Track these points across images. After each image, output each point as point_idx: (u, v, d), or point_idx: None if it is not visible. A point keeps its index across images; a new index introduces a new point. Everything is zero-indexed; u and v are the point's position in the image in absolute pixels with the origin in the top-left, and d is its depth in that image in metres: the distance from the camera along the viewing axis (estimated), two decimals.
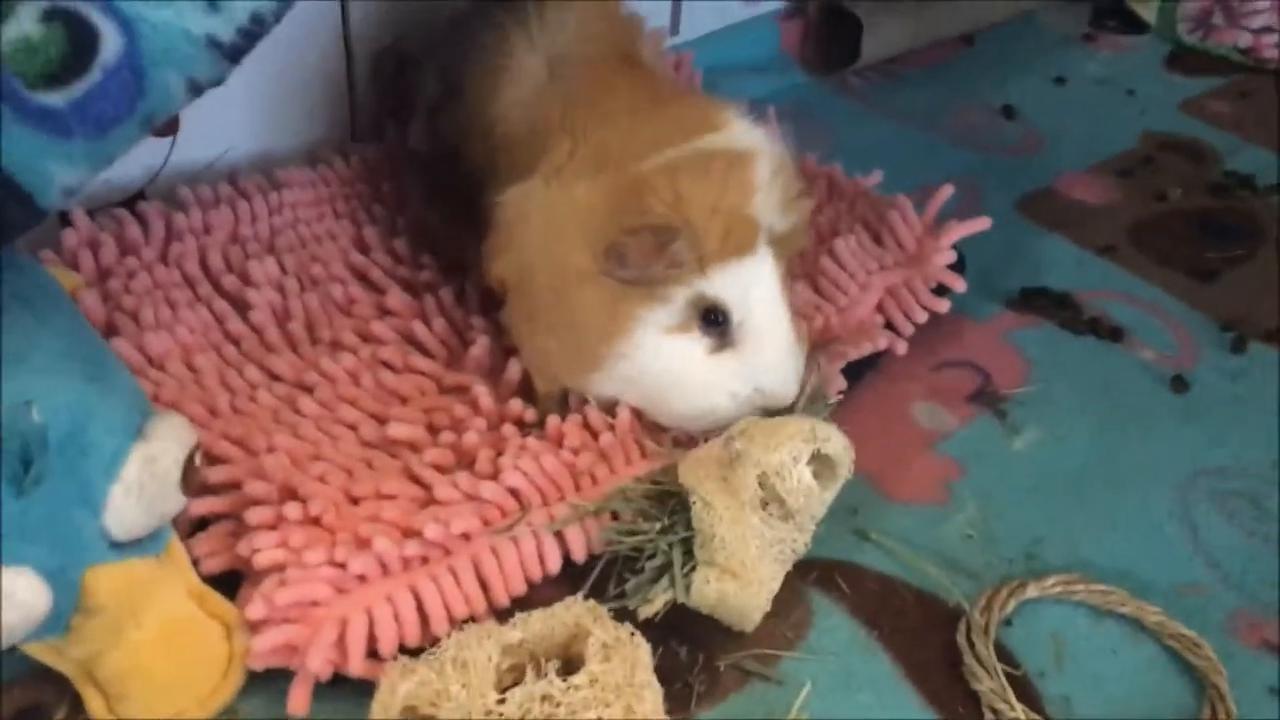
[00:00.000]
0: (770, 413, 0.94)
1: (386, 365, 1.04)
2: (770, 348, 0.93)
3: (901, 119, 1.62)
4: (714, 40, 1.62)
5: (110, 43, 0.66)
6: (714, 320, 0.92)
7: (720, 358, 0.93)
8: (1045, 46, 1.83)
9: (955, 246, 1.17)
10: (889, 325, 1.14)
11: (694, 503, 0.86)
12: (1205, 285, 1.33)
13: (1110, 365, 1.20)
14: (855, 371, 1.09)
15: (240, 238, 1.15)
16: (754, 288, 0.92)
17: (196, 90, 0.69)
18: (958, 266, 1.18)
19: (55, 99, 0.64)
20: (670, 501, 0.91)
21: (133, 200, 1.16)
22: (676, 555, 0.87)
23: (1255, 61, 1.80)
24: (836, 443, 0.91)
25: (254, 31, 0.70)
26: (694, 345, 0.93)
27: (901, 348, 1.12)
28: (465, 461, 0.94)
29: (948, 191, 1.21)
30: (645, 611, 0.86)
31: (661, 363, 0.93)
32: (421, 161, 1.17)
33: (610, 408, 0.97)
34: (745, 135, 0.95)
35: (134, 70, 0.66)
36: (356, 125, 1.33)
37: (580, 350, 0.95)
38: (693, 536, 0.87)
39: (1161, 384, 1.18)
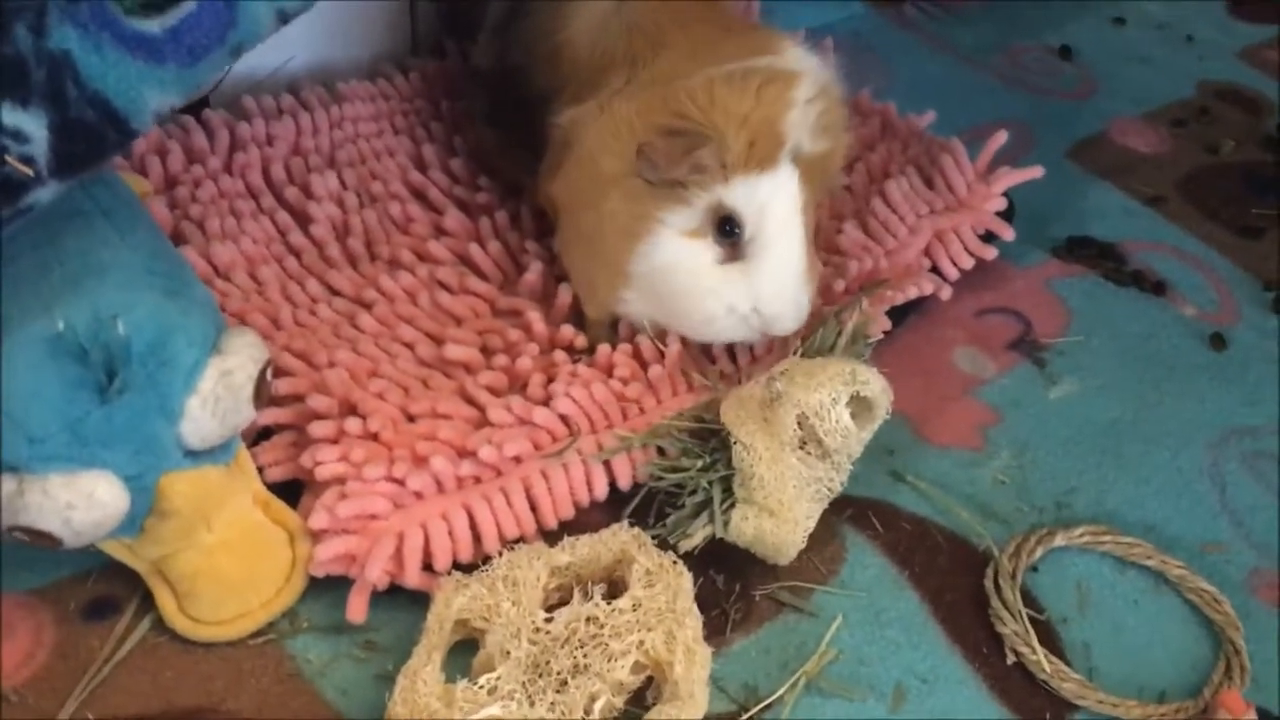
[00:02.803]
0: (784, 348, 0.96)
1: (443, 285, 1.07)
2: (775, 269, 0.92)
3: (958, 55, 1.61)
4: None
5: None
6: (728, 230, 0.92)
7: (727, 269, 0.93)
8: None
9: (1005, 193, 1.18)
10: (935, 269, 1.15)
11: (734, 444, 0.89)
12: (1251, 242, 1.34)
13: (1151, 319, 1.21)
14: (899, 314, 1.10)
15: (302, 150, 1.17)
16: (771, 203, 0.91)
17: (284, 20, 0.71)
18: (1007, 214, 1.19)
19: (151, 26, 0.66)
20: (711, 439, 0.93)
21: (197, 107, 1.17)
22: (716, 492, 0.90)
23: None
24: (875, 385, 0.92)
25: None
26: (705, 251, 0.92)
27: (946, 293, 1.14)
28: (517, 385, 0.97)
29: (1001, 138, 1.21)
30: (685, 546, 0.89)
31: (672, 264, 0.93)
32: (484, 79, 1.18)
33: (661, 338, 1.00)
34: (796, 59, 0.96)
35: (227, 0, 0.68)
36: (417, 40, 1.34)
37: (609, 258, 0.96)
38: (732, 475, 0.90)
39: (1200, 340, 1.20)
